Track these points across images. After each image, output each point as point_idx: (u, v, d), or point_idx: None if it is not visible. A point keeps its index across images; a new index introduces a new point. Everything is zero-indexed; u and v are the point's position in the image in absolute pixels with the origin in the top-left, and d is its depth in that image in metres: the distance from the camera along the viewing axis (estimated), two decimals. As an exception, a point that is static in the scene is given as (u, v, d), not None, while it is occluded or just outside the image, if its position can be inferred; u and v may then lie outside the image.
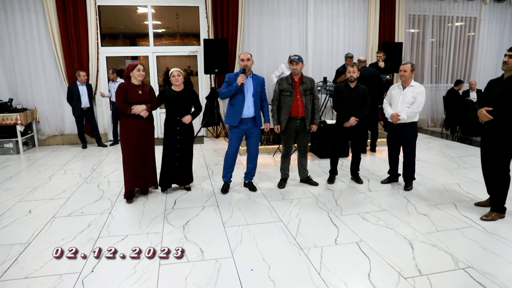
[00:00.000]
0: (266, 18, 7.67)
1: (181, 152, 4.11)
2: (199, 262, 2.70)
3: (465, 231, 3.16)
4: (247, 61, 3.93)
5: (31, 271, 2.59)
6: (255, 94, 4.03)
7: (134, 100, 3.81)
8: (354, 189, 4.35)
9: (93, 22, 6.88)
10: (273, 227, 3.30)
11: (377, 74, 5.96)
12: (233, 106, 4.06)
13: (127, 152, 3.90)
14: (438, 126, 9.08)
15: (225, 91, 3.99)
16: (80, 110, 6.64)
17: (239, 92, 3.98)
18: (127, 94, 3.80)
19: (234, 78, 3.96)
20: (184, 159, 4.15)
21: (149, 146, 4.03)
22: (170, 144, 4.08)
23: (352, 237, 3.09)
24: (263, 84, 4.14)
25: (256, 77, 4.08)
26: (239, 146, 4.23)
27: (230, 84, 3.98)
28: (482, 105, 3.36)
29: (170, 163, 4.12)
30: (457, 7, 8.83)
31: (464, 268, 2.57)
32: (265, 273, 2.54)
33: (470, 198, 3.98)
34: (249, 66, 3.95)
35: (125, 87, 3.82)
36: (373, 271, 2.56)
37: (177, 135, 4.06)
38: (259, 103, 4.12)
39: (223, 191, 4.25)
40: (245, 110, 4.02)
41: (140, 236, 3.14)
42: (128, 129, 3.85)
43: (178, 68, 4.00)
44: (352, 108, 4.32)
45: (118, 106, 3.80)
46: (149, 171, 4.11)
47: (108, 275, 2.55)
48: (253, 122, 4.11)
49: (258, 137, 4.24)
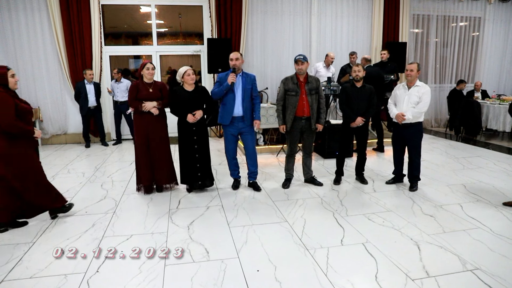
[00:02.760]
0: (269, 17, 7.65)
1: (200, 153, 4.11)
2: (204, 263, 2.68)
3: (472, 232, 3.14)
4: (236, 60, 3.98)
5: (35, 271, 2.58)
6: (244, 92, 4.05)
7: (144, 98, 3.94)
8: (359, 189, 4.33)
9: (97, 21, 6.88)
10: (279, 228, 3.28)
11: (380, 74, 5.93)
12: (224, 105, 4.11)
13: (139, 148, 4.06)
14: (442, 127, 9.04)
15: (217, 91, 4.05)
16: (88, 109, 6.66)
17: (230, 92, 4.02)
18: (138, 92, 3.95)
19: (225, 78, 4.02)
20: (204, 159, 4.15)
21: (162, 143, 4.10)
22: (187, 144, 4.06)
23: (358, 238, 3.06)
24: (253, 81, 4.14)
25: (246, 75, 4.11)
26: (236, 144, 4.27)
27: (221, 83, 4.03)
28: None
29: (192, 165, 4.11)
30: (462, 7, 8.79)
31: (472, 270, 2.54)
32: (271, 274, 2.52)
33: (476, 199, 3.96)
34: (238, 66, 4.00)
35: (137, 85, 3.98)
36: (380, 272, 2.54)
37: (194, 135, 4.05)
38: (249, 101, 4.12)
39: (234, 187, 4.35)
40: (236, 109, 4.06)
41: (145, 236, 3.13)
42: (140, 125, 4.01)
43: (189, 67, 4.00)
44: (359, 108, 4.29)
45: (130, 103, 4.00)
46: (164, 167, 4.15)
47: (113, 275, 2.54)
48: (243, 121, 4.11)
49: (252, 135, 4.25)
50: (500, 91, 9.23)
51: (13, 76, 3.15)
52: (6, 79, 3.08)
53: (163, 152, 4.14)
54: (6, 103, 3.00)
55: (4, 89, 3.06)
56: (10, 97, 3.05)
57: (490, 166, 5.26)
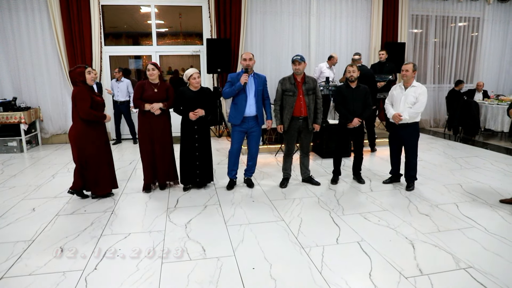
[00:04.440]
0: (269, 17, 7.68)
1: (200, 151, 4.16)
2: (201, 261, 2.72)
3: (466, 232, 3.17)
4: (249, 60, 4.00)
5: (34, 268, 2.62)
6: (257, 93, 4.10)
7: (148, 98, 4.01)
8: (356, 189, 4.36)
9: (97, 22, 6.91)
10: (275, 226, 3.32)
11: (371, 75, 5.94)
12: (235, 105, 4.12)
13: (142, 146, 4.14)
14: (440, 127, 9.06)
15: (228, 91, 4.07)
16: None
17: (242, 92, 4.05)
18: (143, 92, 4.02)
19: (236, 78, 4.05)
20: (204, 158, 4.21)
21: (165, 142, 4.15)
22: (188, 143, 4.12)
23: (354, 236, 3.09)
24: (264, 83, 4.20)
25: (258, 76, 4.15)
26: (241, 144, 4.30)
27: (233, 84, 4.05)
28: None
29: (191, 163, 4.17)
30: (461, 7, 8.81)
31: (465, 268, 2.57)
32: (266, 272, 2.56)
33: (472, 198, 3.98)
34: (251, 66, 4.03)
35: (143, 85, 4.06)
36: (374, 270, 2.57)
37: (195, 134, 4.10)
38: (261, 101, 4.18)
39: (228, 187, 4.34)
40: (247, 109, 4.09)
41: (142, 235, 3.16)
42: (143, 124, 4.08)
43: (196, 70, 4.05)
44: (355, 109, 4.32)
45: (134, 102, 4.06)
46: (167, 166, 4.22)
47: (111, 272, 2.57)
48: (255, 120, 4.17)
49: (258, 136, 4.31)
50: (499, 91, 9.25)
51: (89, 73, 3.70)
52: (84, 76, 3.66)
53: (166, 151, 4.18)
54: (85, 96, 3.65)
55: (83, 84, 3.68)
56: (86, 91, 3.68)
57: (487, 166, 5.29)
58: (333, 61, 7.00)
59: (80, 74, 3.65)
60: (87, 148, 3.79)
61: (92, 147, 3.80)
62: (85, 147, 3.78)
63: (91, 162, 3.84)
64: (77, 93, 3.66)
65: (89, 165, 3.85)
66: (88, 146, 3.78)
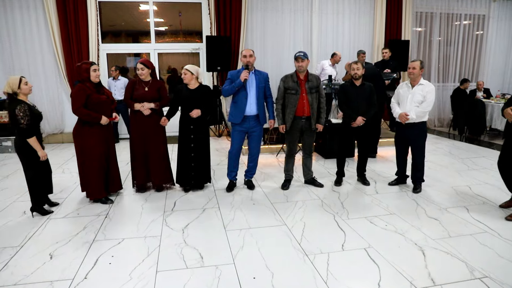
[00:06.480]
0: (269, 15, 7.50)
1: (196, 152, 4.01)
2: (198, 269, 2.55)
3: (479, 237, 3.00)
4: (250, 57, 3.85)
5: (21, 277, 2.46)
6: (258, 90, 3.94)
7: (139, 97, 3.87)
8: (360, 191, 4.19)
9: (94, 19, 6.75)
10: (277, 231, 3.15)
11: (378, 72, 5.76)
12: (236, 103, 3.97)
13: (133, 146, 4.02)
14: (445, 126, 8.89)
15: (228, 88, 3.91)
16: None
17: (242, 89, 3.89)
18: (134, 91, 3.89)
19: (236, 75, 3.89)
20: (200, 159, 4.05)
21: (156, 142, 4.00)
22: (184, 143, 4.00)
23: (360, 242, 2.93)
24: (266, 80, 4.04)
25: (259, 73, 3.99)
26: (242, 144, 4.14)
27: (233, 81, 3.90)
28: (509, 105, 3.27)
29: (186, 163, 4.02)
30: (465, 5, 8.62)
31: (481, 278, 2.41)
32: (268, 281, 2.39)
33: (482, 201, 3.82)
34: (251, 63, 3.88)
35: (134, 84, 3.94)
36: (383, 280, 2.40)
37: (191, 133, 3.95)
38: (263, 100, 4.01)
39: (228, 189, 4.19)
40: (248, 108, 3.93)
41: (137, 240, 3.00)
42: (135, 124, 3.97)
43: (187, 66, 3.88)
44: (359, 107, 4.15)
45: (125, 101, 3.96)
46: (158, 167, 4.06)
47: (102, 282, 2.41)
48: (255, 120, 4.00)
49: (260, 136, 4.14)
50: (505, 90, 9.07)
51: (95, 71, 3.60)
52: (89, 72, 3.56)
53: (159, 151, 4.04)
54: (78, 93, 3.53)
55: (86, 81, 3.57)
56: (83, 90, 3.54)
57: (495, 167, 5.03)
58: (336, 59, 6.86)
59: (85, 70, 3.56)
60: (83, 147, 3.67)
61: (88, 148, 3.66)
62: (82, 146, 3.67)
63: (87, 163, 3.71)
64: (74, 90, 3.60)
65: (85, 165, 3.72)
66: (84, 146, 3.66)
